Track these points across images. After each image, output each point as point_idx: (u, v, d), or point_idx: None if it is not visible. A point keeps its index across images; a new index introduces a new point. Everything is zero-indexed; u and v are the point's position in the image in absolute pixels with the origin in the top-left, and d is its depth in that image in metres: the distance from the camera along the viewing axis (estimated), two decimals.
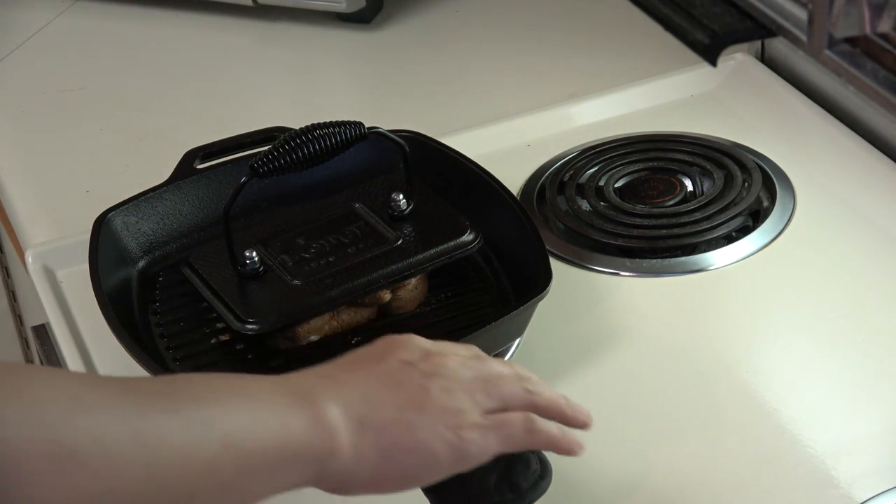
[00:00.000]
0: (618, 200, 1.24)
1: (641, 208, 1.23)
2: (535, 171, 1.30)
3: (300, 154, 1.05)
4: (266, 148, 1.06)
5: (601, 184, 1.27)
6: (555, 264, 1.10)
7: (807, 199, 1.24)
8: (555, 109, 1.39)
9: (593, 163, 1.29)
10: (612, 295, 1.16)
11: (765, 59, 1.42)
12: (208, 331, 1.11)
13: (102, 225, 1.15)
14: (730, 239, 1.20)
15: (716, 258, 1.18)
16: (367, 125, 1.08)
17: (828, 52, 0.73)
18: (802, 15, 0.74)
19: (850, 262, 1.17)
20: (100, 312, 1.07)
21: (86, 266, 1.11)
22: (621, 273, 1.18)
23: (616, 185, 1.27)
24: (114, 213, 1.16)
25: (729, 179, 1.25)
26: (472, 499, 0.86)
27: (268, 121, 1.25)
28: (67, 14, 1.67)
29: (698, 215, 1.21)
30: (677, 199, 1.24)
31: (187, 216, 1.20)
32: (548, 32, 1.56)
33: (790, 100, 1.36)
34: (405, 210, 1.14)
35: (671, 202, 1.24)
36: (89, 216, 1.16)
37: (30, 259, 1.24)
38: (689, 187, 1.26)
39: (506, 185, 1.17)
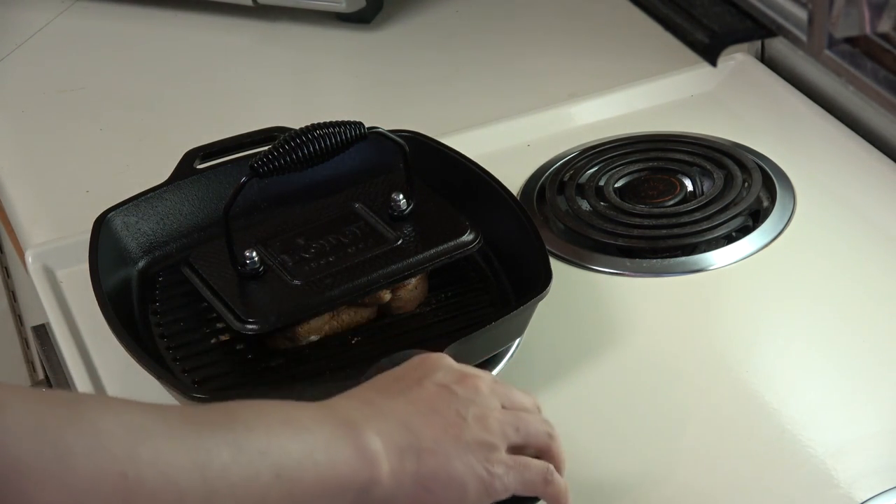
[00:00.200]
0: (618, 200, 1.24)
1: (641, 208, 1.23)
2: (535, 171, 1.30)
3: (300, 154, 1.05)
4: (266, 148, 1.06)
5: (601, 184, 1.27)
6: (555, 264, 1.10)
7: (807, 199, 1.24)
8: (555, 109, 1.39)
9: (593, 163, 1.29)
10: (612, 295, 1.16)
11: (765, 59, 1.42)
12: (208, 331, 1.11)
13: (102, 225, 1.15)
14: (730, 239, 1.20)
15: (716, 258, 1.18)
16: (367, 125, 1.08)
17: (828, 52, 0.73)
18: (802, 15, 0.74)
19: (850, 262, 1.17)
20: (100, 312, 1.07)
21: (86, 266, 1.12)
22: (621, 273, 1.18)
23: (616, 185, 1.27)
24: (114, 213, 1.16)
25: (729, 179, 1.25)
26: None
27: (268, 121, 1.25)
28: (67, 14, 1.67)
29: (698, 215, 1.21)
30: (677, 199, 1.24)
31: (187, 216, 1.20)
32: (548, 32, 1.56)
33: (790, 100, 1.36)
34: (405, 210, 1.14)
35: (671, 202, 1.24)
36: (89, 216, 1.16)
37: (30, 259, 1.24)
38: (689, 187, 1.26)
39: (506, 185, 1.17)
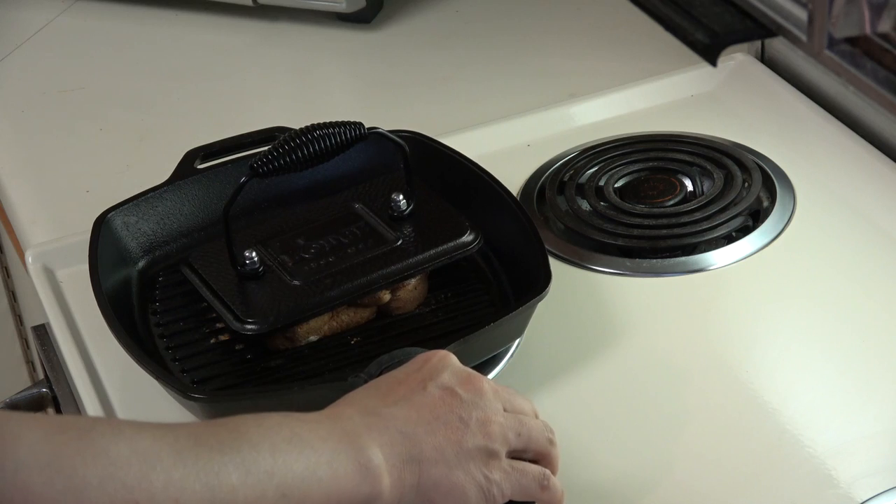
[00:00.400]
0: (618, 200, 1.24)
1: (641, 208, 1.23)
2: (535, 171, 1.30)
3: (300, 154, 1.05)
4: (266, 148, 1.06)
5: (601, 184, 1.27)
6: (555, 264, 1.10)
7: (807, 199, 1.24)
8: (555, 109, 1.39)
9: (593, 163, 1.29)
10: (612, 295, 1.15)
11: (765, 59, 1.42)
12: (208, 331, 1.11)
13: (102, 225, 1.15)
14: (730, 239, 1.20)
15: (716, 258, 1.18)
16: (367, 125, 1.08)
17: (828, 52, 0.73)
18: (802, 15, 0.74)
19: (850, 262, 1.17)
20: (100, 312, 1.07)
21: (86, 266, 1.12)
22: (621, 273, 1.18)
23: (616, 185, 1.27)
24: (114, 213, 1.16)
25: (729, 179, 1.25)
26: None
27: (268, 121, 1.25)
28: (67, 14, 1.67)
29: (698, 215, 1.21)
30: (677, 199, 1.24)
31: (187, 216, 1.20)
32: (548, 32, 1.56)
33: (790, 100, 1.36)
34: (405, 210, 1.14)
35: (671, 202, 1.24)
36: (89, 216, 1.16)
37: (30, 259, 1.24)
38: (689, 187, 1.26)
39: (506, 185, 1.17)
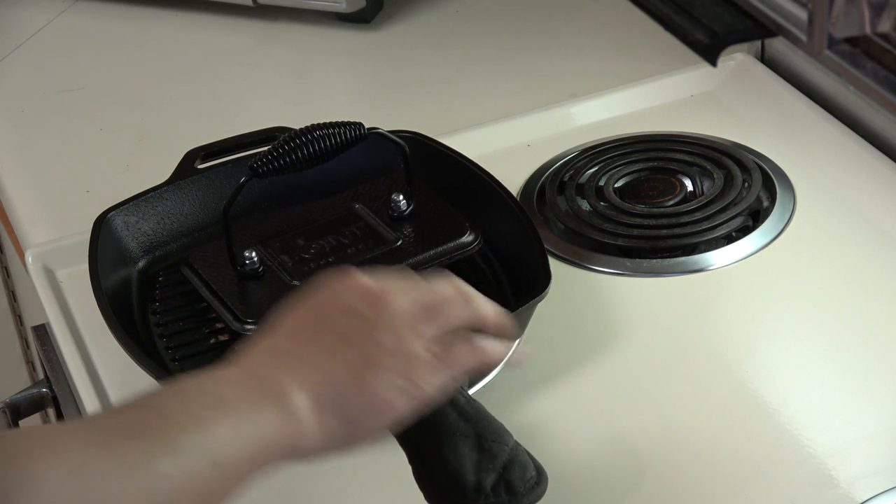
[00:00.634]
0: (618, 200, 1.24)
1: (641, 208, 1.23)
2: (535, 171, 1.30)
3: (300, 154, 1.05)
4: (266, 148, 1.06)
5: (601, 184, 1.27)
6: (555, 264, 1.10)
7: (807, 199, 1.24)
8: (555, 109, 1.39)
9: (593, 163, 1.29)
10: (612, 295, 1.15)
11: (765, 59, 1.42)
12: (208, 331, 1.11)
13: (102, 225, 1.15)
14: (730, 239, 1.20)
15: (716, 258, 1.18)
16: (367, 125, 1.08)
17: (828, 52, 0.74)
18: (802, 15, 0.74)
19: (850, 262, 1.17)
20: (100, 312, 1.07)
21: (86, 266, 1.11)
22: (621, 273, 1.18)
23: (616, 185, 1.27)
24: (114, 213, 1.16)
25: (729, 179, 1.25)
26: (462, 489, 0.86)
27: (268, 121, 1.25)
28: (67, 14, 1.67)
29: (698, 215, 1.21)
30: (677, 199, 1.24)
31: (187, 216, 1.20)
32: (548, 32, 1.56)
33: (790, 100, 1.36)
34: (405, 211, 1.14)
35: (671, 202, 1.24)
36: (89, 216, 1.16)
37: (30, 259, 1.24)
38: (689, 187, 1.26)
39: (506, 185, 1.17)
